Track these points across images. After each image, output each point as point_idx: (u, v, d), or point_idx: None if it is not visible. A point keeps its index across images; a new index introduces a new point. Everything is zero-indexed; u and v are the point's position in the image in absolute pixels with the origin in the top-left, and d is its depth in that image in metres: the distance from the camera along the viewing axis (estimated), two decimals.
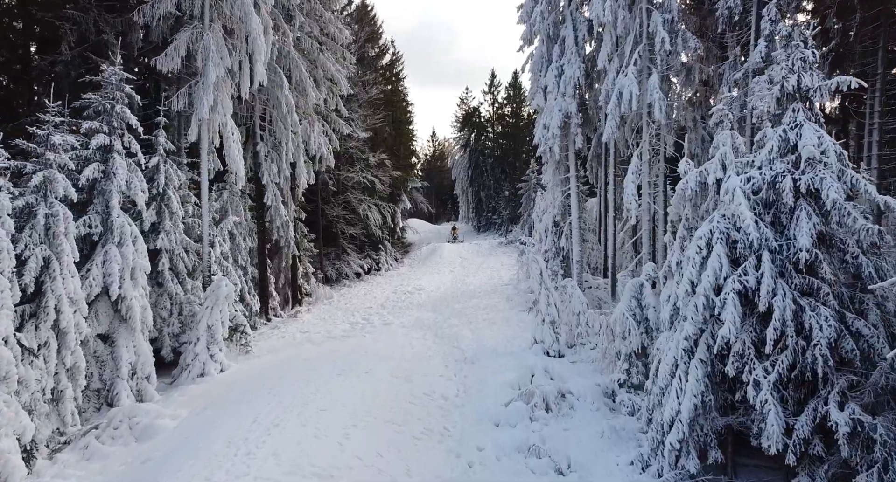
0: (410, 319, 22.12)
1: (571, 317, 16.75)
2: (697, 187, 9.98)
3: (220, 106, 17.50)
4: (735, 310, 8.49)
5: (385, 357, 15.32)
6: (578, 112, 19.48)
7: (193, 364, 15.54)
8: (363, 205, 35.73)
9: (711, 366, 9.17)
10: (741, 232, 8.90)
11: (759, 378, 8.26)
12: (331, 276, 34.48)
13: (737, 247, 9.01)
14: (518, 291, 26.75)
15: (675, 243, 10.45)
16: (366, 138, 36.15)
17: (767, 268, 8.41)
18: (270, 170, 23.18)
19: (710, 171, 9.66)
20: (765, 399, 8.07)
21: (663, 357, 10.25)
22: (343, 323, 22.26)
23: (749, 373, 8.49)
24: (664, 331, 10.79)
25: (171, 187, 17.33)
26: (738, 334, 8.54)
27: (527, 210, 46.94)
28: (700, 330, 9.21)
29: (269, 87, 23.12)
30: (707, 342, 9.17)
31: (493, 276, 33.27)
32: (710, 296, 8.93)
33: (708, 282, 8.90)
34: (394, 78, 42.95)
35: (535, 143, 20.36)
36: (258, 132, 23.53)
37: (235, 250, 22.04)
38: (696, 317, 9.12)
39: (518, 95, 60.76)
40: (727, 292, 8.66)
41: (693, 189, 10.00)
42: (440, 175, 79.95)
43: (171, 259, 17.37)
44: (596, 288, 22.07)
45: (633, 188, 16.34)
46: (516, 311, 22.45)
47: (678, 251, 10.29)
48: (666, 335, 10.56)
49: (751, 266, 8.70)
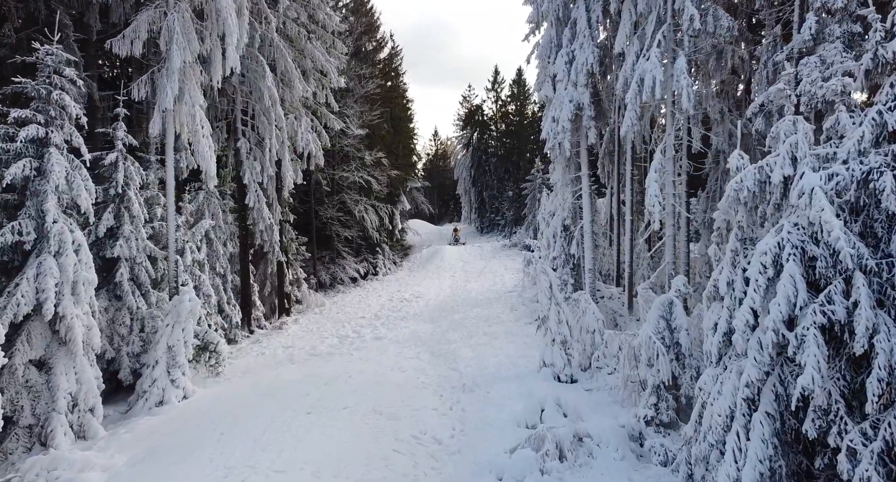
0: (405, 333, 19.93)
1: (585, 336, 14.54)
2: (756, 187, 7.75)
3: (187, 95, 15.33)
4: (819, 351, 6.28)
5: (370, 384, 13.13)
6: (591, 103, 17.25)
7: (151, 391, 13.38)
8: (359, 206, 33.56)
9: (781, 422, 6.95)
10: (823, 246, 6.68)
11: (857, 445, 6.05)
12: (324, 282, 32.35)
13: (815, 266, 6.79)
14: (523, 300, 24.55)
15: (724, 257, 8.23)
16: (362, 136, 33.99)
17: (864, 296, 6.20)
18: (253, 168, 21.02)
19: (776, 166, 7.44)
20: (867, 476, 5.86)
21: (710, 401, 8.03)
22: (331, 336, 20.08)
23: (839, 436, 6.28)
24: (709, 366, 8.57)
25: (132, 187, 15.19)
26: (823, 383, 6.32)
27: (531, 211, 44.71)
28: (765, 373, 7.00)
29: (251, 78, 21.00)
30: (775, 390, 6.95)
31: (496, 282, 31.08)
32: (780, 330, 6.71)
33: (778, 312, 6.68)
34: (392, 73, 40.74)
35: (543, 137, 18.14)
36: (240, 127, 21.39)
37: (213, 256, 19.89)
38: (760, 357, 6.91)
39: (522, 92, 58.53)
40: (806, 327, 6.45)
41: (751, 189, 7.77)
42: (442, 175, 77.79)
43: (131, 268, 15.23)
44: (609, 298, 19.83)
45: (656, 188, 14.10)
46: (521, 324, 20.24)
47: (728, 268, 8.07)
48: (712, 373, 8.33)
49: (838, 292, 6.47)
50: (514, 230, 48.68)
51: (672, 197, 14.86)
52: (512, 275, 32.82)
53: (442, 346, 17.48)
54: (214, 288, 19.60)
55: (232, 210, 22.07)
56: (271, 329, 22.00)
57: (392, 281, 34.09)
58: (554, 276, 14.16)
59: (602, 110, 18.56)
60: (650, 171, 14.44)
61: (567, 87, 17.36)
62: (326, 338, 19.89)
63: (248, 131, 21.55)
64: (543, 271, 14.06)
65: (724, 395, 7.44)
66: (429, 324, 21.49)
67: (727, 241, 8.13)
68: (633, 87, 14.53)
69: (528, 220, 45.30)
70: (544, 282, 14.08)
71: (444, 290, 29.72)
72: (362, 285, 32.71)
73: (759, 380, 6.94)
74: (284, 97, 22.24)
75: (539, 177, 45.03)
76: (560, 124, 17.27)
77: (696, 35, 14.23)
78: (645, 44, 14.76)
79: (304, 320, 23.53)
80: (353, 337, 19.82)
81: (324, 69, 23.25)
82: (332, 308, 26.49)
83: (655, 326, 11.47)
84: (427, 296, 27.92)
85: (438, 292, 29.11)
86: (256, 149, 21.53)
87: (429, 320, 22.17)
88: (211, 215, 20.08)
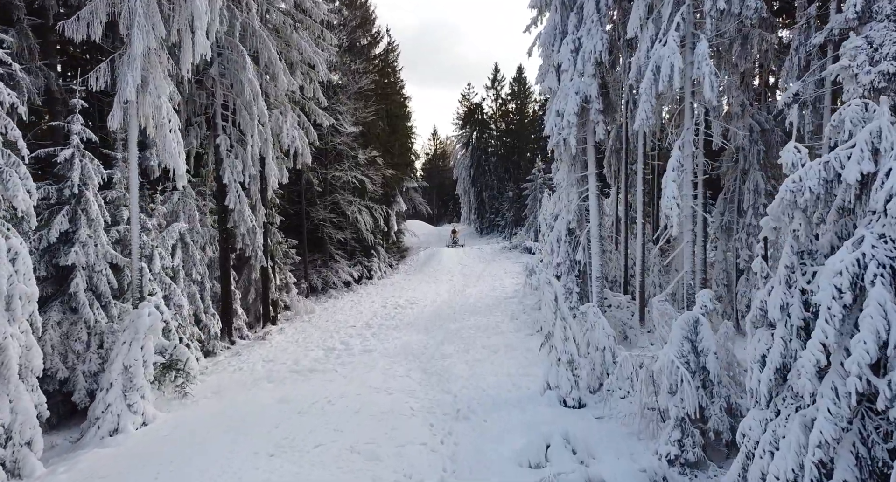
0: (396, 345, 18.29)
1: (595, 354, 12.90)
2: (821, 188, 6.11)
3: (151, 85, 13.70)
4: None
5: (350, 412, 11.49)
6: (599, 95, 15.61)
7: (104, 418, 11.75)
8: (353, 207, 31.91)
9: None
10: None
11: None
12: (316, 286, 30.72)
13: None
14: (524, 307, 22.90)
15: (776, 275, 6.59)
16: (356, 134, 32.37)
17: None
18: (233, 167, 19.39)
19: (849, 161, 5.80)
20: None
21: (760, 453, 6.41)
22: (317, 348, 18.45)
23: None
24: (754, 406, 6.94)
25: (90, 187, 13.60)
26: None
27: (532, 212, 43.11)
28: (843, 429, 5.37)
29: (231, 70, 19.37)
30: (856, 451, 5.33)
31: (496, 287, 29.43)
32: (865, 376, 5.09)
33: (863, 353, 5.06)
34: (388, 69, 39.08)
35: (546, 133, 16.50)
36: (220, 123, 19.75)
37: (189, 262, 18.26)
38: (836, 409, 5.28)
39: (523, 90, 56.89)
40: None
41: (814, 191, 6.13)
42: (442, 175, 76.20)
43: (90, 277, 13.63)
44: (618, 307, 18.17)
45: (674, 188, 12.47)
46: (522, 335, 18.60)
47: (782, 288, 6.44)
48: (760, 417, 6.71)
49: None
50: (515, 231, 47.07)
51: (691, 198, 13.22)
52: (512, 280, 31.18)
53: (435, 362, 15.84)
54: (190, 296, 18.00)
55: (212, 211, 20.46)
56: (254, 339, 20.36)
57: (387, 285, 32.45)
58: (560, 288, 12.52)
59: (610, 104, 16.93)
60: (668, 169, 12.81)
61: (573, 78, 15.73)
62: (311, 350, 18.26)
63: (228, 127, 19.92)
64: (548, 282, 12.42)
65: (784, 453, 5.81)
66: (422, 334, 19.86)
67: (765, 251, 6.47)
68: (647, 76, 12.91)
69: (529, 221, 43.69)
70: (549, 295, 12.44)
71: (440, 296, 28.09)
72: (356, 290, 31.08)
73: (834, 438, 5.30)
74: (269, 91, 20.63)
75: (540, 177, 43.42)
76: (565, 118, 15.64)
77: (720, 17, 12.59)
78: (661, 27, 13.13)
79: (290, 329, 21.89)
80: (340, 349, 18.18)
81: (311, 61, 21.62)
82: (321, 315, 24.86)
83: (679, 348, 9.84)
84: (422, 303, 26.29)
85: (435, 298, 27.47)
86: (238, 146, 19.91)
87: (423, 330, 20.53)
88: (187, 217, 18.46)
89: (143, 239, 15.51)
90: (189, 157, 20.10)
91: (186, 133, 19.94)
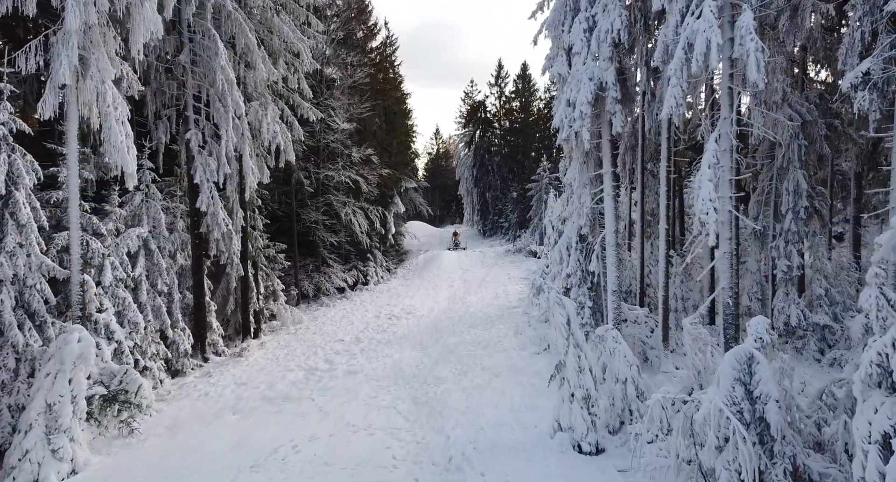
0: (386, 365, 16.12)
1: (614, 387, 10.71)
2: None
3: (93, 68, 11.58)
4: None
5: (319, 464, 9.29)
6: (617, 82, 13.39)
7: (21, 467, 9.61)
8: (346, 208, 29.77)
9: None
10: None
11: None
12: (307, 293, 28.61)
13: None
14: (528, 319, 20.71)
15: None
16: (351, 131, 30.23)
17: None
18: (206, 165, 17.25)
19: None
20: None
21: None
22: (297, 368, 16.31)
23: None
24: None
25: (21, 187, 11.48)
26: None
27: (537, 214, 40.93)
28: None
29: (204, 58, 17.25)
30: None
31: (499, 294, 27.24)
32: None
33: None
34: (386, 64, 36.89)
35: (555, 126, 14.29)
36: (191, 116, 17.61)
37: (154, 271, 16.15)
38: None
39: (527, 88, 54.68)
40: None
41: None
42: (444, 175, 74.09)
43: (20, 293, 11.51)
44: (635, 322, 15.94)
45: (710, 189, 10.26)
46: (527, 354, 16.41)
47: None
48: None
49: None
50: (519, 233, 44.86)
51: (729, 201, 10.99)
52: (516, 286, 29.00)
53: (428, 388, 13.66)
54: (155, 310, 15.89)
55: (185, 215, 18.35)
56: (230, 356, 18.22)
57: (383, 291, 30.29)
58: (572, 309, 10.32)
59: (628, 93, 14.71)
60: (702, 166, 10.59)
61: (586, 62, 13.51)
62: (291, 370, 16.12)
63: (202, 121, 17.78)
64: (559, 303, 10.22)
65: None
66: (417, 350, 17.69)
67: None
68: (677, 55, 10.69)
69: (534, 223, 41.50)
70: (559, 318, 10.24)
71: (439, 304, 25.91)
72: (350, 297, 28.93)
73: None
74: (247, 81, 18.51)
75: (546, 176, 41.21)
76: (577, 109, 13.42)
77: None
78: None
79: (272, 344, 19.75)
80: (322, 370, 16.03)
81: (295, 49, 19.48)
82: (309, 326, 22.72)
83: (729, 393, 7.64)
84: (419, 312, 24.11)
85: (433, 306, 25.30)
86: (213, 142, 17.77)
87: (417, 345, 18.36)
88: (151, 221, 16.34)
89: (94, 246, 13.42)
90: (157, 154, 18.03)
91: (155, 127, 17.89)
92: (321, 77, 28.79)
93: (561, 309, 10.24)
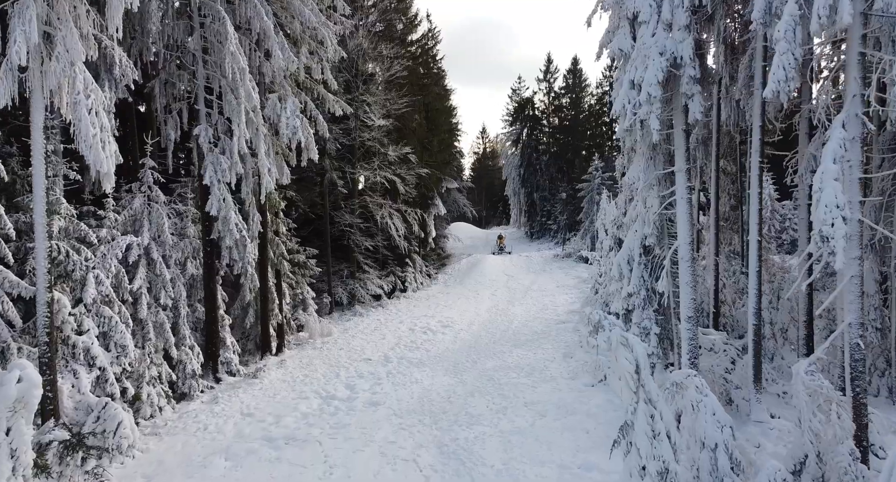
0: (413, 394, 13.77)
1: (699, 455, 7.99)
2: None
3: (60, 47, 9.62)
4: None
5: None
6: (695, 57, 10.61)
7: None
8: (382, 210, 27.59)
9: None
10: None
11: None
12: (341, 300, 26.58)
13: None
14: (580, 339, 18.02)
15: None
16: (389, 128, 28.06)
17: None
18: (217, 163, 15.28)
19: None
20: None
21: None
22: (313, 395, 14.14)
23: None
24: None
25: None
26: None
27: (588, 216, 37.90)
28: None
29: (215, 44, 15.30)
30: None
31: (546, 305, 24.57)
32: None
33: None
34: (427, 57, 34.57)
35: (614, 114, 11.59)
36: (202, 109, 15.70)
37: (158, 283, 14.27)
38: None
39: (578, 83, 51.50)
40: None
41: None
42: (490, 175, 71.47)
43: None
44: (710, 351, 13.03)
45: (835, 192, 7.44)
46: (579, 385, 13.75)
47: None
48: None
49: None
50: (568, 237, 41.88)
51: (858, 208, 8.08)
52: (565, 296, 26.24)
53: (458, 432, 11.19)
54: (157, 327, 14.02)
55: (197, 219, 16.48)
56: (245, 376, 16.22)
57: (422, 299, 28.00)
58: (643, 353, 7.65)
59: (708, 72, 11.87)
60: (823, 159, 7.75)
61: (656, 33, 10.75)
62: (306, 397, 13.97)
63: (214, 115, 15.84)
64: (624, 344, 7.60)
65: None
66: (450, 376, 15.27)
67: None
68: (788, 10, 7.94)
69: (585, 226, 38.47)
70: (626, 364, 7.61)
71: (480, 315, 23.43)
72: (385, 305, 26.73)
73: None
74: (264, 70, 16.46)
75: (598, 176, 38.16)
76: (644, 91, 10.69)
77: None
78: None
79: (293, 361, 17.70)
80: (341, 398, 13.82)
81: (319, 36, 17.33)
82: (338, 340, 20.62)
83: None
84: (458, 325, 21.69)
85: (473, 319, 22.84)
86: (226, 138, 15.80)
87: (451, 369, 15.94)
88: (154, 227, 14.45)
89: (75, 258, 11.55)
90: (166, 152, 16.22)
91: (164, 122, 16.06)
92: (356, 71, 26.72)
93: (627, 352, 7.60)
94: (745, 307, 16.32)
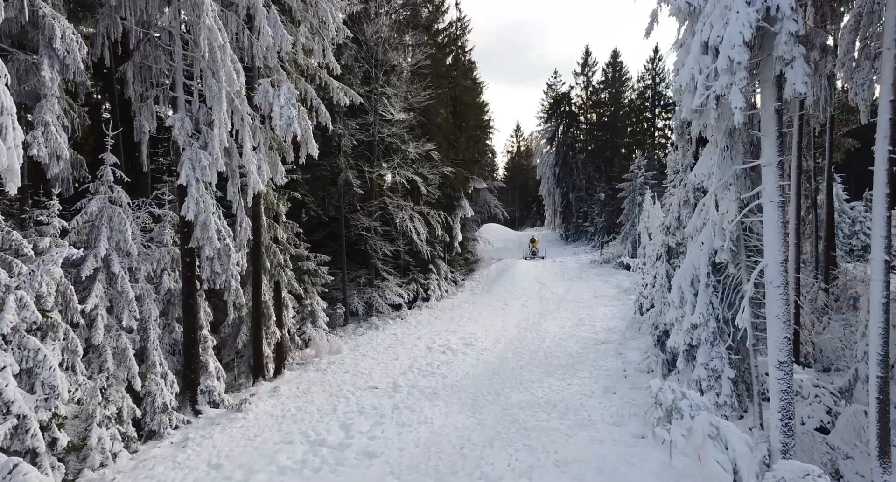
0: (419, 441, 11.02)
1: None
2: None
3: None
4: None
5: None
6: (798, 7, 7.57)
7: None
8: (402, 213, 24.95)
9: None
10: None
11: None
12: (356, 311, 24.10)
13: None
14: (624, 365, 15.02)
15: None
16: (411, 123, 25.40)
17: None
18: (196, 160, 12.82)
19: None
20: None
21: None
22: (300, 438, 11.54)
23: None
24: None
25: None
26: None
27: (629, 218, 34.58)
28: None
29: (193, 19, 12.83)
30: None
31: (583, 319, 21.55)
32: None
33: None
34: (455, 47, 31.77)
35: (677, 86, 8.60)
36: (180, 96, 13.28)
37: (120, 301, 11.88)
38: None
39: (618, 77, 48.01)
40: None
41: None
42: (525, 174, 68.32)
43: None
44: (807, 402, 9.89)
45: None
46: (625, 436, 10.75)
47: None
48: None
49: None
50: (607, 240, 38.51)
51: None
52: (604, 308, 23.15)
53: None
54: (118, 354, 11.63)
55: (175, 225, 14.11)
56: (229, 408, 13.75)
57: (445, 310, 25.26)
58: (743, 449, 4.72)
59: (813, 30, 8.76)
60: None
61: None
62: (291, 441, 11.39)
63: (195, 103, 13.40)
64: (714, 436, 4.68)
65: None
66: (467, 414, 12.48)
67: None
68: None
69: (625, 229, 35.13)
70: (714, 465, 4.67)
71: (507, 331, 20.57)
72: (405, 316, 24.10)
73: None
74: (255, 52, 13.96)
75: (640, 174, 34.76)
76: (723, 55, 7.71)
77: None
78: None
79: (288, 388, 15.18)
80: (331, 444, 11.18)
81: (319, 13, 14.75)
82: (346, 359, 18.04)
83: None
84: (481, 344, 18.87)
85: (499, 335, 19.99)
86: (208, 130, 13.34)
87: (469, 403, 13.16)
88: (116, 235, 12.06)
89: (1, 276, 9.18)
90: (139, 146, 13.84)
91: (138, 111, 13.69)
92: (375, 60, 24.13)
93: (719, 451, 4.68)
94: (827, 331, 13.13)
